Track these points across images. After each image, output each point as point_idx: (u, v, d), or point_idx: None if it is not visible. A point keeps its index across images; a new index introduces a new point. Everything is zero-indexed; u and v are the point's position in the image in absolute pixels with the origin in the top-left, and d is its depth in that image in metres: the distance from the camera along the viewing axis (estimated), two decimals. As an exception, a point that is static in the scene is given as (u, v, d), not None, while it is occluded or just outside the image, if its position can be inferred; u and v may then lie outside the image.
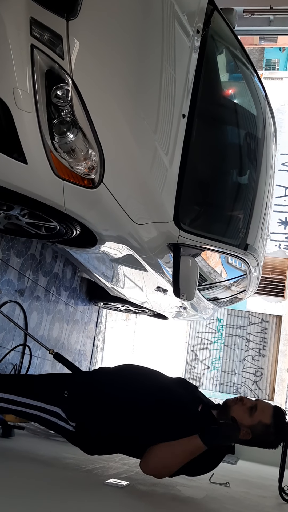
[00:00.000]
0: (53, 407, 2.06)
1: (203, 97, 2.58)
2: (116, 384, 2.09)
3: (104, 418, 1.98)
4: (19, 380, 2.40)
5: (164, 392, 2.05)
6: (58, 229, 2.29)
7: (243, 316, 10.08)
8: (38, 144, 1.76)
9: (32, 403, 2.10)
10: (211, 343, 10.12)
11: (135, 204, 2.25)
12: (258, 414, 1.96)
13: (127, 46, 2.00)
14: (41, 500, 1.63)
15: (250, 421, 1.95)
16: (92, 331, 5.45)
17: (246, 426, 1.93)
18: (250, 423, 1.95)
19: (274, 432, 1.97)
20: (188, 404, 2.03)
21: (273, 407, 2.02)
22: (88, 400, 2.04)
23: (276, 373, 9.66)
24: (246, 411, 1.96)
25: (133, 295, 4.05)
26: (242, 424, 1.93)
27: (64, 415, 2.04)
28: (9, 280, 3.29)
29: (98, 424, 1.99)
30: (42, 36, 1.67)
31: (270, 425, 1.96)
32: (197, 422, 1.95)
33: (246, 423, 1.94)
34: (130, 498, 1.99)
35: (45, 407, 2.07)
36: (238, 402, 2.00)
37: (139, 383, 2.09)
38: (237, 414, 1.95)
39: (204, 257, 3.12)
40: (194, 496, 2.34)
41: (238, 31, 3.33)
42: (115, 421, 1.98)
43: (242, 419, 1.94)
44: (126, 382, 2.10)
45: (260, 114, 3.40)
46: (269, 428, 1.96)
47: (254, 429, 1.94)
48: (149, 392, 2.03)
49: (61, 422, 2.05)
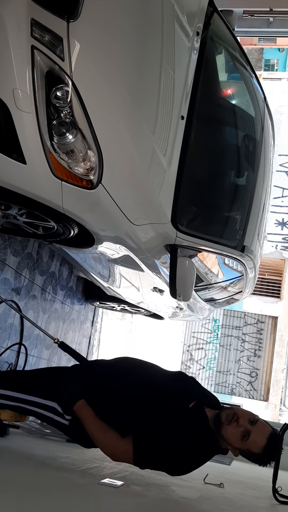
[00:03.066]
0: (49, 402, 2.06)
1: (202, 99, 2.58)
2: (112, 375, 2.10)
3: (99, 409, 1.98)
4: (15, 376, 2.40)
5: (157, 385, 2.05)
6: (55, 229, 2.29)
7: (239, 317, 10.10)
8: (37, 145, 1.77)
9: (29, 398, 2.11)
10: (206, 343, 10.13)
11: (133, 205, 2.26)
12: (249, 443, 1.88)
13: (127, 48, 2.01)
14: (35, 499, 1.63)
15: (240, 445, 1.90)
16: (88, 330, 5.46)
17: (234, 447, 1.92)
18: (239, 446, 1.91)
19: (261, 457, 1.92)
20: (180, 398, 2.02)
21: (268, 437, 1.89)
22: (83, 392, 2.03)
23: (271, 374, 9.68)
24: (239, 436, 1.88)
25: (130, 295, 4.05)
26: (231, 445, 1.91)
27: (60, 410, 2.05)
28: (6, 279, 3.29)
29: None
30: (42, 37, 1.67)
31: (259, 454, 1.90)
32: (186, 417, 1.94)
33: (235, 445, 1.91)
34: (124, 498, 2.00)
35: (42, 402, 2.08)
36: (233, 423, 1.89)
37: (135, 374, 2.09)
38: (228, 435, 1.89)
39: (201, 258, 3.13)
40: (188, 497, 2.35)
41: (237, 32, 3.34)
42: (110, 412, 1.98)
43: (232, 441, 1.90)
44: (122, 373, 2.11)
45: (258, 115, 3.41)
46: (257, 456, 1.92)
47: (242, 452, 1.93)
48: (142, 384, 2.03)
49: (57, 417, 2.06)
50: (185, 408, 1.98)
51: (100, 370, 2.16)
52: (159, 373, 2.18)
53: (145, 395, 1.99)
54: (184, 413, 1.96)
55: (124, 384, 2.04)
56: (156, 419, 1.92)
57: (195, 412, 1.97)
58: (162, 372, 2.19)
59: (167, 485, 2.39)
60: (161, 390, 2.03)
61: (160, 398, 1.99)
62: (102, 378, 2.09)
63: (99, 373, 2.13)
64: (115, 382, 2.05)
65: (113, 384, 2.05)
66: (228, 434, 1.90)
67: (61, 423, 2.06)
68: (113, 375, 2.09)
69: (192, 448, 1.90)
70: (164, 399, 1.99)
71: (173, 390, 2.05)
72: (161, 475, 2.10)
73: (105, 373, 2.13)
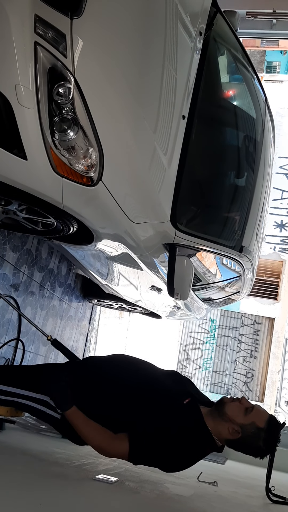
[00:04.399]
0: (41, 395, 2.07)
1: (203, 99, 2.59)
2: (105, 371, 2.11)
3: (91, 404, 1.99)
4: (8, 371, 2.41)
5: (152, 381, 2.05)
6: (55, 225, 2.30)
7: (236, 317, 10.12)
8: (39, 141, 1.77)
9: (21, 392, 2.11)
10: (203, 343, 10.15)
11: (132, 203, 2.27)
12: (253, 415, 1.92)
13: (130, 46, 2.01)
14: (30, 494, 1.64)
15: (243, 420, 1.91)
16: (85, 327, 5.47)
17: (237, 423, 1.91)
18: (242, 421, 1.91)
19: (265, 437, 1.91)
20: (175, 395, 2.02)
21: (271, 415, 1.97)
22: (76, 386, 2.04)
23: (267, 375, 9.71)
24: (242, 410, 1.93)
25: (128, 293, 4.06)
26: (234, 421, 1.90)
27: (52, 403, 2.05)
28: (4, 274, 3.30)
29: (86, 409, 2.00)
30: (46, 33, 1.68)
31: (263, 429, 1.90)
32: (180, 414, 1.95)
33: (239, 421, 1.91)
34: (119, 494, 2.01)
35: (34, 396, 2.09)
36: (236, 401, 1.96)
37: (129, 371, 2.10)
38: (231, 411, 1.92)
39: (199, 257, 3.14)
40: (182, 494, 2.36)
41: (240, 34, 3.34)
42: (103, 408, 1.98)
43: (236, 416, 1.91)
44: (116, 369, 2.12)
45: (259, 117, 3.42)
46: (260, 432, 1.90)
47: (245, 429, 1.90)
48: (137, 381, 2.03)
49: (49, 411, 2.06)
50: (179, 404, 1.98)
51: (95, 367, 2.17)
52: (154, 370, 2.19)
53: (140, 390, 2.00)
54: (179, 409, 1.96)
55: (118, 380, 2.05)
56: (151, 414, 1.92)
57: (189, 408, 1.98)
58: (157, 370, 2.21)
59: (161, 482, 2.40)
60: (155, 386, 2.03)
61: (154, 394, 2.00)
62: (96, 373, 2.10)
63: (94, 369, 2.14)
64: (109, 378, 2.06)
65: (107, 380, 2.06)
66: (231, 409, 1.92)
67: (53, 417, 2.06)
68: (108, 371, 2.10)
69: (186, 444, 1.91)
70: (158, 394, 2.00)
71: (167, 386, 2.06)
72: (156, 472, 2.11)
73: (100, 369, 2.13)
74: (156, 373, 2.16)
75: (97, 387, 2.04)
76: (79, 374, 2.10)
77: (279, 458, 3.06)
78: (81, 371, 2.13)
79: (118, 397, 2.00)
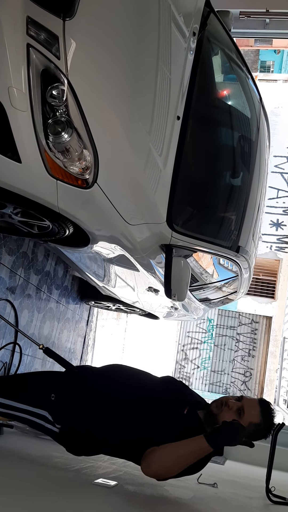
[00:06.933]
0: (40, 410, 2.06)
1: (198, 99, 2.58)
2: (102, 382, 2.10)
3: (90, 418, 1.98)
4: (7, 383, 2.39)
5: (150, 393, 2.06)
6: (50, 228, 2.29)
7: (233, 317, 10.13)
8: (33, 144, 1.76)
9: (20, 406, 2.11)
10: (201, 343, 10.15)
11: (128, 205, 2.26)
12: (246, 415, 1.96)
13: (123, 47, 2.00)
14: (29, 499, 1.63)
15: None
16: (82, 329, 5.45)
17: None
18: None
19: (265, 427, 2.01)
20: (174, 406, 2.03)
21: (259, 403, 2.03)
22: (74, 401, 2.04)
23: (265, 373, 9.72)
24: (235, 414, 1.95)
25: (125, 295, 4.05)
26: None
27: (50, 418, 2.05)
28: (1, 277, 3.28)
29: (84, 425, 1.99)
30: (38, 35, 1.67)
31: (260, 422, 1.99)
32: (181, 424, 1.95)
33: None
34: (118, 498, 2.00)
35: (33, 410, 2.08)
36: (224, 408, 1.97)
37: (125, 382, 2.10)
38: (225, 420, 1.91)
39: (196, 258, 3.13)
40: (182, 497, 2.35)
41: (233, 33, 3.34)
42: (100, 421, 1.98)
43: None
44: (112, 380, 2.11)
45: (254, 116, 3.42)
46: (259, 426, 1.99)
47: (246, 431, 1.92)
48: (134, 392, 2.03)
49: (48, 425, 2.06)
50: (180, 415, 2.00)
51: (91, 381, 2.15)
52: (150, 380, 2.19)
53: (139, 404, 1.99)
54: (180, 420, 1.98)
55: (116, 395, 2.03)
56: (154, 428, 1.93)
57: (189, 418, 2.00)
58: (152, 379, 2.21)
59: (160, 485, 2.38)
60: (153, 400, 2.03)
61: (154, 408, 2.00)
62: (93, 390, 2.08)
63: (90, 385, 2.12)
64: (107, 394, 2.05)
65: (105, 396, 2.04)
66: (226, 419, 1.92)
67: (52, 430, 2.06)
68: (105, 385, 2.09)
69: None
70: (157, 408, 2.00)
71: (165, 396, 2.07)
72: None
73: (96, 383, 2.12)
74: (152, 383, 2.16)
75: (96, 404, 2.02)
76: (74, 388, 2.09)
77: (279, 458, 3.06)
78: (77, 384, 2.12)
79: (119, 413, 1.99)
